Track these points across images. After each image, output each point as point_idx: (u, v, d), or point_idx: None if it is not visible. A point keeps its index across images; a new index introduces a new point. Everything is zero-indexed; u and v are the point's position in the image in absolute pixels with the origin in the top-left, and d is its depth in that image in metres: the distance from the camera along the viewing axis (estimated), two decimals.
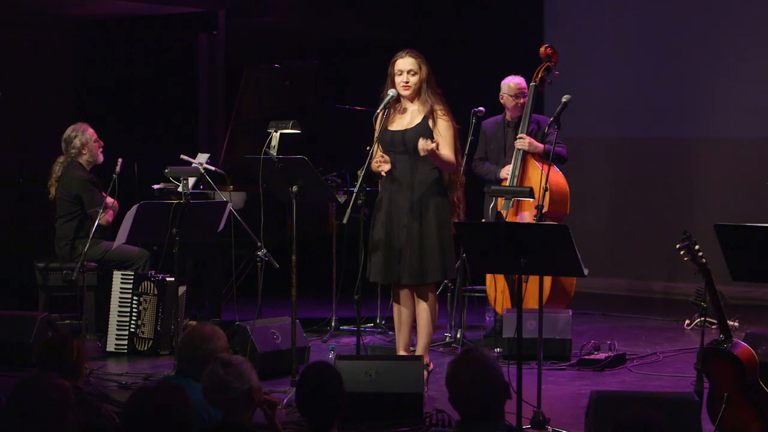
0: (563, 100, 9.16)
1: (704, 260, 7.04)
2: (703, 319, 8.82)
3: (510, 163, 10.16)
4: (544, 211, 9.51)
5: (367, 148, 8.60)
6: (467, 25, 14.44)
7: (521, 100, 10.30)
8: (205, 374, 5.92)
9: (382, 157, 8.52)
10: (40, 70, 13.37)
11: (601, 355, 9.66)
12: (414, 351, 8.74)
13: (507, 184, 10.00)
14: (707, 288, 7.18)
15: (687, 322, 11.23)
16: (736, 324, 10.39)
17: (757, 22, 13.11)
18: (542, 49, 10.37)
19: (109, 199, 10.31)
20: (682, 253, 7.08)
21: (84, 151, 10.57)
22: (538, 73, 10.26)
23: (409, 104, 8.62)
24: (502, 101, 10.44)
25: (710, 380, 7.12)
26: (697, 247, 7.04)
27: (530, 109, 10.19)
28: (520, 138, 10.07)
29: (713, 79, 13.38)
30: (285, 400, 7.77)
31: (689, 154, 13.65)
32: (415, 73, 8.53)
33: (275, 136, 9.74)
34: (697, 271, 7.08)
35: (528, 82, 10.27)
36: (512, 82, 10.38)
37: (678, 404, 6.80)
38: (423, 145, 8.32)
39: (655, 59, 13.73)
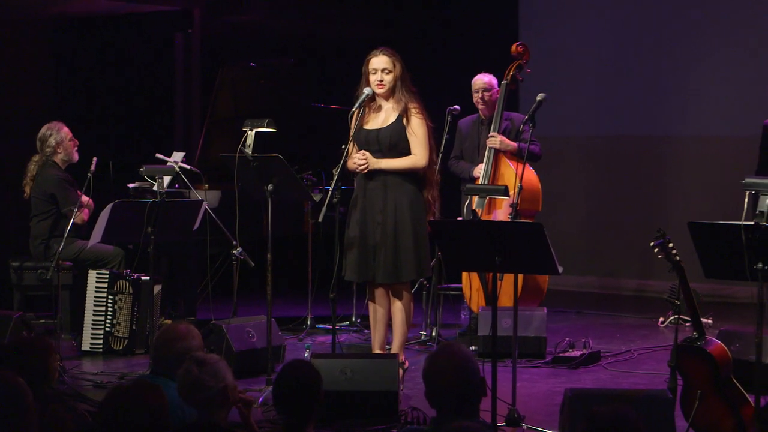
0: (538, 98, 9.16)
1: (678, 258, 7.07)
2: (676, 316, 8.81)
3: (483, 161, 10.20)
4: (518, 209, 9.53)
5: (343, 146, 8.61)
6: (442, 23, 14.46)
7: (484, 95, 10.32)
8: (180, 373, 5.91)
9: (363, 154, 8.52)
10: (16, 67, 13.34)
11: (576, 353, 9.69)
12: (389, 349, 8.75)
13: (480, 182, 10.01)
14: (681, 285, 7.21)
15: (661, 319, 11.26)
16: (710, 321, 10.42)
17: (727, 22, 13.15)
18: (514, 47, 10.40)
19: (84, 198, 10.30)
20: (656, 250, 7.11)
21: (59, 150, 10.55)
22: (509, 71, 10.29)
23: (384, 102, 8.63)
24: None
25: (684, 377, 7.16)
26: (671, 244, 7.07)
27: (502, 107, 10.21)
28: (492, 136, 10.10)
29: (684, 78, 13.42)
30: (260, 399, 7.78)
31: (662, 153, 13.68)
32: (390, 72, 8.53)
33: (250, 135, 9.72)
34: (670, 268, 7.11)
35: (500, 80, 10.29)
36: (474, 79, 10.42)
37: (652, 401, 6.81)
38: (368, 160, 8.44)
39: (628, 58, 13.78)
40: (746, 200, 7.87)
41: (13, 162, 11.14)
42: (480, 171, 10.13)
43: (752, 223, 6.72)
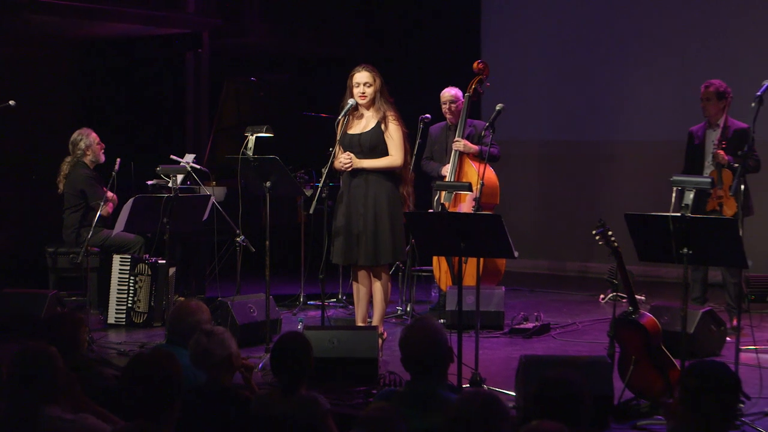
0: (497, 108, 9.16)
1: (616, 244, 7.08)
2: (615, 293, 8.87)
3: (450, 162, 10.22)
4: (480, 202, 9.55)
5: (330, 149, 8.61)
6: (416, 43, 14.45)
7: (451, 106, 10.34)
8: (192, 343, 5.93)
9: (348, 155, 8.53)
10: (50, 82, 13.30)
11: (529, 325, 9.69)
12: (370, 322, 8.75)
13: (447, 179, 10.02)
14: (618, 267, 7.22)
15: (601, 296, 11.27)
16: (643, 298, 10.44)
17: (656, 39, 13.14)
18: (475, 65, 10.42)
19: (110, 194, 10.29)
20: (597, 237, 7.12)
21: (88, 152, 10.54)
22: (471, 85, 10.30)
23: (366, 111, 8.62)
24: None
25: (621, 345, 7.16)
26: (610, 232, 7.08)
27: (465, 115, 10.22)
28: (456, 141, 10.12)
29: (621, 91, 13.44)
30: (260, 365, 7.75)
31: (602, 155, 13.70)
32: (370, 85, 8.54)
33: (251, 139, 9.69)
34: (610, 253, 7.12)
35: (464, 93, 10.30)
36: (442, 92, 10.44)
37: (593, 366, 6.81)
38: (352, 160, 8.46)
39: (575, 72, 13.78)
40: (673, 195, 7.89)
41: (47, 163, 11.10)
42: (447, 170, 10.15)
43: (679, 214, 6.76)
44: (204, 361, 5.82)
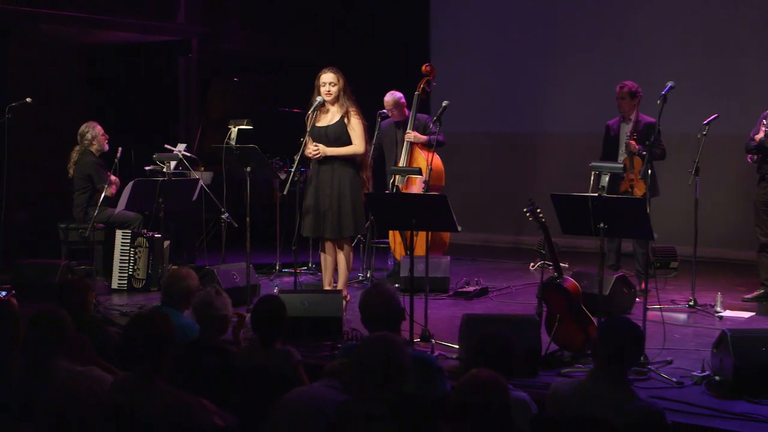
0: (443, 104, 9.17)
1: (544, 219, 7.11)
2: (542, 262, 8.87)
3: (398, 152, 10.23)
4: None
5: (301, 139, 8.59)
6: (373, 48, 14.42)
7: (393, 111, 10.31)
8: (201, 293, 5.96)
9: (315, 146, 8.52)
10: (61, 82, 13.19)
11: (471, 289, 9.72)
12: (336, 286, 8.76)
13: (400, 165, 10.03)
14: (546, 240, 7.25)
15: (531, 264, 11.31)
16: (566, 265, 10.44)
17: (583, 41, 13.19)
18: (424, 67, 10.40)
19: (113, 177, 10.24)
20: (528, 214, 7.14)
21: (94, 142, 10.50)
22: (420, 85, 10.29)
23: (331, 107, 8.61)
24: None
25: (547, 305, 7.22)
26: (538, 210, 7.11)
27: (415, 111, 10.21)
28: (408, 133, 10.13)
29: (550, 88, 13.48)
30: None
31: (533, 144, 13.75)
32: (335, 84, 8.53)
33: (234, 131, 9.71)
34: (538, 227, 7.15)
35: (412, 93, 10.28)
36: (385, 98, 10.40)
37: (524, 323, 6.85)
38: (321, 149, 8.44)
39: (510, 73, 13.80)
40: (592, 178, 7.94)
41: (58, 153, 11.04)
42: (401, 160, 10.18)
43: (596, 194, 6.80)
44: (204, 312, 5.82)
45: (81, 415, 3.68)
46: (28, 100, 10.22)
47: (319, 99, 8.55)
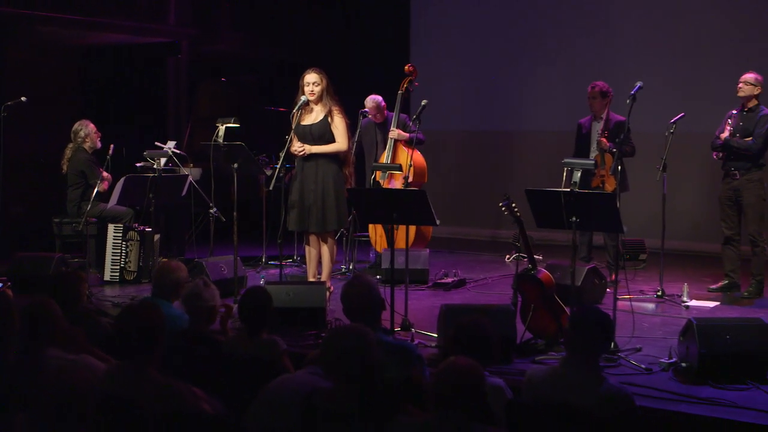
0: (422, 103, 9.18)
1: (518, 213, 7.12)
2: (518, 254, 8.89)
3: (377, 151, 10.22)
4: (409, 180, 9.55)
5: (287, 137, 8.57)
6: (356, 49, 14.42)
7: (376, 115, 10.29)
8: (190, 284, 5.95)
9: (301, 145, 8.51)
10: (56, 81, 13.15)
11: (449, 280, 9.73)
12: (320, 278, 8.75)
13: (383, 161, 10.02)
14: (520, 233, 7.26)
15: (507, 256, 11.32)
16: (540, 257, 10.45)
17: (557, 46, 13.22)
18: (406, 67, 10.39)
19: (105, 173, 10.22)
20: (503, 209, 7.16)
21: (87, 140, 10.46)
22: (403, 84, 10.28)
23: (315, 106, 8.59)
24: None
25: (522, 296, 7.22)
26: (513, 205, 7.12)
27: (398, 109, 10.20)
28: (392, 131, 10.11)
29: (526, 89, 13.50)
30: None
31: (509, 141, 13.77)
32: (318, 84, 8.50)
33: (221, 129, 9.69)
34: (513, 221, 7.16)
35: (397, 91, 10.28)
36: (366, 100, 10.37)
37: (500, 312, 6.85)
38: (305, 147, 8.43)
39: (488, 74, 13.82)
40: (564, 174, 7.95)
41: (52, 150, 11.00)
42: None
43: (569, 190, 6.81)
44: (193, 303, 5.80)
45: (73, 402, 3.66)
46: (24, 99, 10.18)
47: (303, 98, 8.53)
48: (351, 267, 10.23)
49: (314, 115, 8.59)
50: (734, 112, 9.04)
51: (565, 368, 4.62)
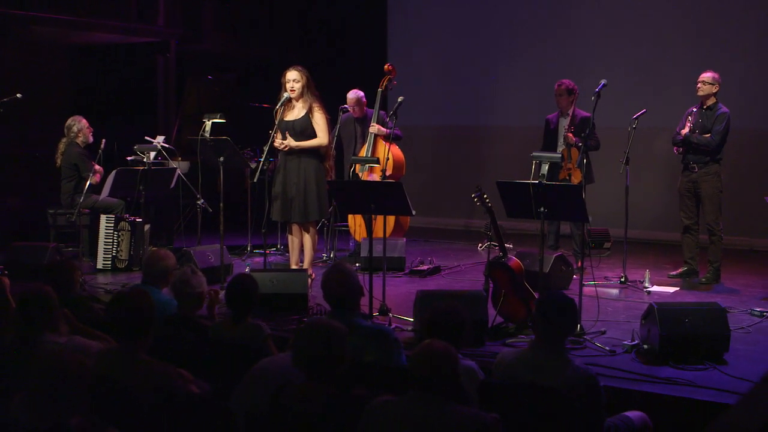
0: (399, 100, 9.17)
1: (490, 204, 7.12)
2: (489, 243, 8.90)
3: (356, 145, 10.20)
4: (388, 173, 9.54)
5: (270, 132, 8.55)
6: (336, 48, 14.40)
7: (355, 108, 10.26)
8: (179, 272, 5.93)
9: (283, 141, 8.49)
10: (49, 79, 13.09)
11: (424, 267, 9.74)
12: (302, 266, 8.75)
13: (363, 155, 10.00)
14: (492, 223, 7.27)
15: (479, 245, 11.35)
16: (511, 246, 10.47)
17: (525, 46, 13.23)
18: (386, 66, 10.36)
19: (97, 167, 10.15)
20: (475, 200, 7.16)
21: (80, 135, 10.39)
22: (383, 82, 10.26)
23: (296, 102, 8.58)
24: None
25: (494, 282, 7.23)
26: (485, 195, 7.13)
27: (378, 105, 10.16)
28: (372, 126, 10.09)
29: (498, 86, 13.50)
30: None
31: (482, 136, 13.77)
32: (299, 81, 8.49)
33: (208, 124, 9.63)
34: (485, 211, 7.17)
35: (377, 89, 10.26)
36: (348, 95, 10.34)
37: (473, 298, 6.86)
38: (288, 142, 8.41)
39: (462, 71, 13.82)
40: (533, 167, 7.95)
41: (46, 144, 10.94)
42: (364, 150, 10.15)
43: (537, 182, 6.82)
44: (181, 289, 5.79)
45: (66, 383, 3.64)
46: (19, 95, 10.11)
47: (285, 95, 8.52)
48: (332, 255, 10.22)
49: (296, 111, 8.58)
50: (694, 109, 9.08)
51: (534, 350, 4.63)
